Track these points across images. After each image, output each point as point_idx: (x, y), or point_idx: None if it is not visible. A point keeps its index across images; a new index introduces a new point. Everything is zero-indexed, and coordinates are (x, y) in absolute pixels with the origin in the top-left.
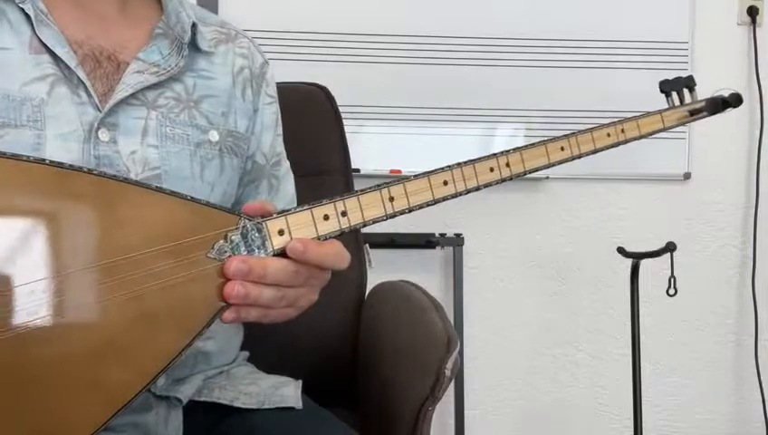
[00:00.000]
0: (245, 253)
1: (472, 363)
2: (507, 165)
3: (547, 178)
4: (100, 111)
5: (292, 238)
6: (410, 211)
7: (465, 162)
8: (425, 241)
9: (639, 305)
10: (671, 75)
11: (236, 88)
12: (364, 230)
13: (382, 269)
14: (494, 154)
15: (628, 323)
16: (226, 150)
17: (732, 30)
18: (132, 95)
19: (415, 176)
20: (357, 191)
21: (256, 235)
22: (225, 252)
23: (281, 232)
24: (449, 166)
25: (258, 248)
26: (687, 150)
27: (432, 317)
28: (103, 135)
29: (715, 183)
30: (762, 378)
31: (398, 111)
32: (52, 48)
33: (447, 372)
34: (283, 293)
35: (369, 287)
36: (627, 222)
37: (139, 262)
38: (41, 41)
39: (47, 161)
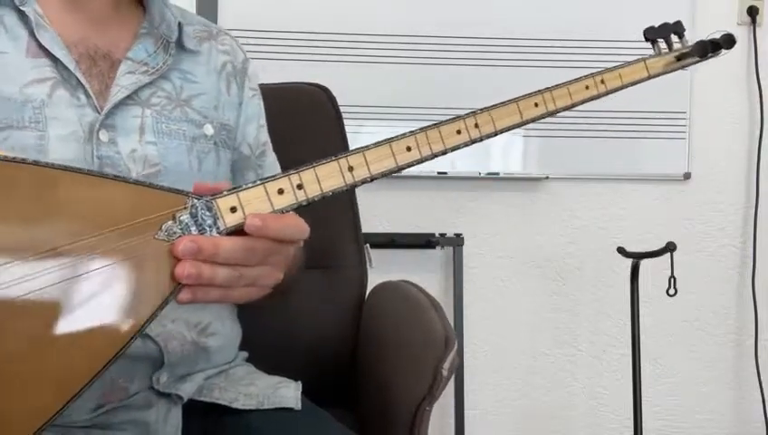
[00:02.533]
0: (197, 233)
1: (472, 363)
2: (476, 126)
3: (547, 178)
4: (99, 113)
5: (245, 215)
6: (372, 180)
7: (430, 126)
8: (425, 241)
9: (639, 305)
10: (671, 75)
11: (221, 83)
12: (365, 230)
13: (382, 269)
14: (460, 116)
15: (628, 323)
16: (221, 143)
17: (732, 30)
18: (127, 95)
19: (376, 143)
20: (312, 162)
21: (207, 213)
22: (175, 233)
23: (233, 209)
24: (412, 131)
25: (210, 228)
26: (687, 150)
27: (431, 316)
28: (103, 136)
29: (715, 183)
30: (762, 378)
31: (400, 110)
32: (51, 51)
33: (445, 372)
34: (240, 272)
35: (370, 287)
36: (627, 222)
37: (82, 247)
38: (39, 44)
39: None
